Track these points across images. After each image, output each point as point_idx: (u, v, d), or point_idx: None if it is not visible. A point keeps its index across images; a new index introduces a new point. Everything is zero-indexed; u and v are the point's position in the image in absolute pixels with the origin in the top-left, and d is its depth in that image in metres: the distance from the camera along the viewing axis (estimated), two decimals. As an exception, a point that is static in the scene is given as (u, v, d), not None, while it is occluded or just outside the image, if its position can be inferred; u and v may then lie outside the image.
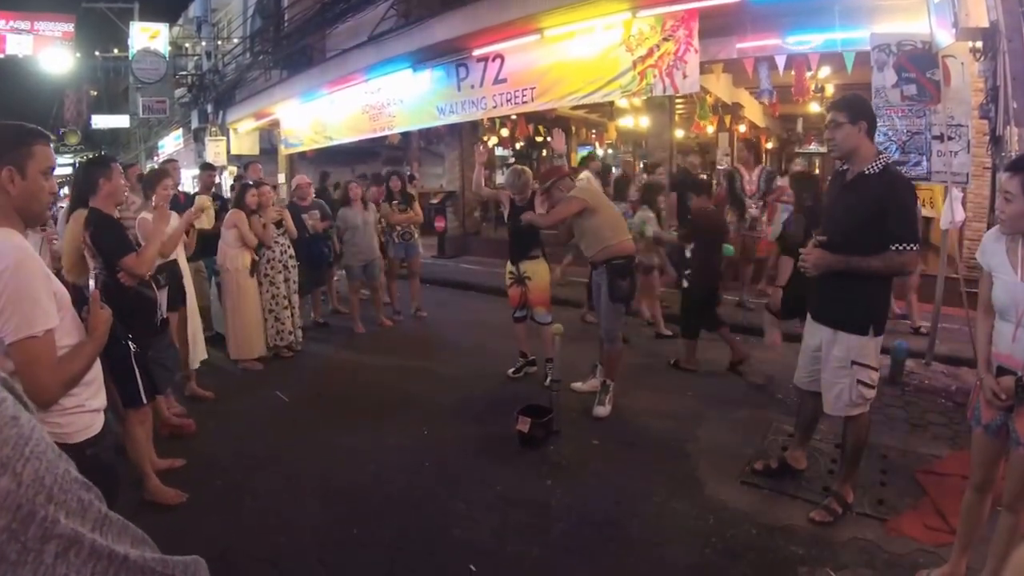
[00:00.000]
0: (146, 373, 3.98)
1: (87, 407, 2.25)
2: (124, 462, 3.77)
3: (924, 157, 5.77)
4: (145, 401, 4.01)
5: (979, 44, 5.47)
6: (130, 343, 3.85)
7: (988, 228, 5.60)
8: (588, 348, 6.04)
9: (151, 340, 4.11)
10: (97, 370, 2.33)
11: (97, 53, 22.33)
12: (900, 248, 3.24)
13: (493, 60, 9.90)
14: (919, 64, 5.66)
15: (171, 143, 24.42)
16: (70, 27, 20.29)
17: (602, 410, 5.34)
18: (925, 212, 6.72)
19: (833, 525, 3.57)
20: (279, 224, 6.93)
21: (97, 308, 2.28)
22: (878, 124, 5.65)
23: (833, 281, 3.45)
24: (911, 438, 4.68)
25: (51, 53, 20.06)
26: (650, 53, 7.99)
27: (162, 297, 4.41)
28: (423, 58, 10.80)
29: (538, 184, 5.77)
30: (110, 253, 3.92)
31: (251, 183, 6.99)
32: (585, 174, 8.07)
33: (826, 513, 3.62)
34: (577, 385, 5.74)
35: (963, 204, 6.24)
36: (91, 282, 4.23)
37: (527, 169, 6.19)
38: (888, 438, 4.61)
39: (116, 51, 22.25)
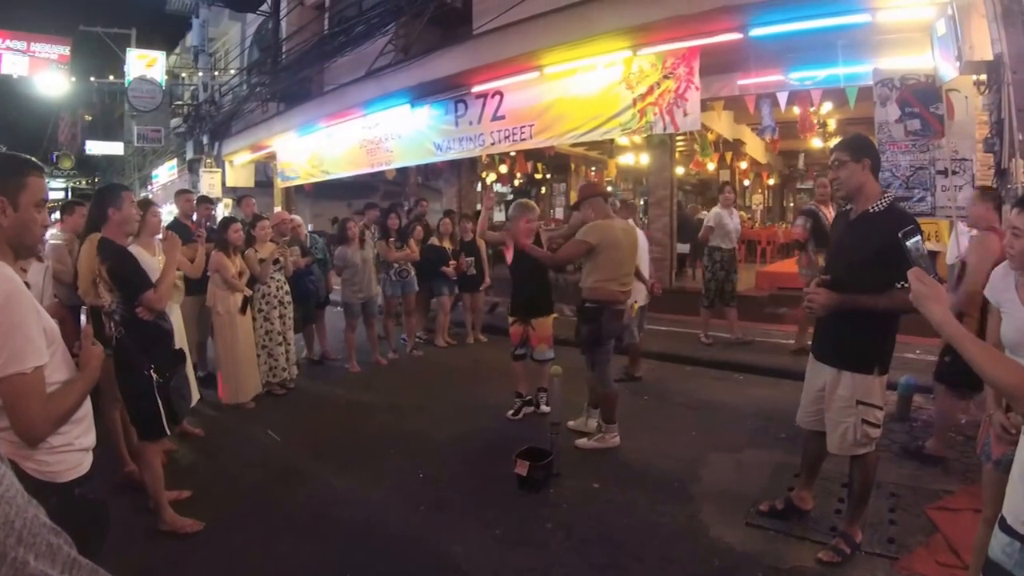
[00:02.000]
0: (168, 403, 3.97)
1: (76, 446, 2.18)
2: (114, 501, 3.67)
3: (928, 192, 5.78)
4: (168, 432, 4.05)
5: (983, 77, 5.50)
6: (152, 374, 3.86)
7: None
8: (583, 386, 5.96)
9: (171, 370, 4.08)
10: (87, 408, 2.26)
11: (93, 78, 22.45)
12: (906, 285, 3.19)
13: (492, 96, 9.95)
14: (922, 99, 5.68)
15: (165, 173, 24.49)
16: (66, 50, 20.41)
17: (585, 442, 5.38)
18: (931, 246, 6.70)
19: (842, 565, 3.50)
20: (276, 260, 6.88)
21: (89, 344, 2.23)
22: (881, 159, 5.68)
23: (837, 320, 3.41)
24: (920, 474, 4.62)
25: (46, 75, 20.14)
26: (650, 91, 8.02)
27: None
28: (422, 93, 10.85)
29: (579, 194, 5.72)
30: (130, 289, 3.88)
31: (234, 218, 6.91)
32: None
33: (834, 554, 3.54)
34: (572, 423, 5.68)
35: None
36: (82, 317, 4.18)
37: (533, 203, 6.17)
38: (897, 475, 4.55)
39: (112, 77, 22.37)
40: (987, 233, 4.65)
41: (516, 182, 18.24)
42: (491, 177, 16.73)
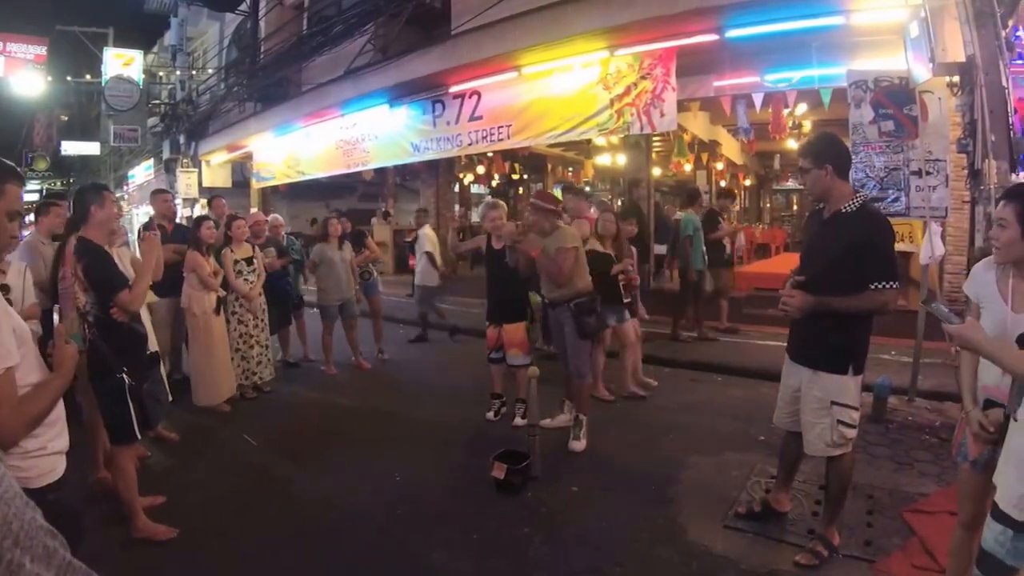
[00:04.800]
0: (141, 407, 3.89)
1: (49, 449, 2.14)
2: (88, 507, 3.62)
3: (903, 193, 5.83)
4: (139, 436, 3.97)
5: (956, 79, 5.56)
6: (125, 376, 3.78)
7: (968, 261, 5.69)
8: (553, 386, 5.95)
9: (145, 374, 4.01)
10: (60, 411, 2.22)
11: (69, 78, 22.19)
12: (880, 286, 3.22)
13: (470, 97, 9.95)
14: (896, 100, 5.73)
15: (141, 173, 24.22)
16: (42, 50, 20.17)
17: (578, 444, 5.34)
18: (904, 247, 6.76)
19: (819, 568, 3.48)
20: (250, 261, 6.81)
21: (63, 344, 2.18)
22: (855, 160, 5.72)
23: (811, 321, 3.41)
24: (896, 476, 4.63)
25: (22, 75, 19.88)
26: (627, 91, 8.06)
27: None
28: (400, 93, 10.83)
29: (532, 199, 5.66)
30: (104, 289, 3.80)
31: (207, 216, 6.81)
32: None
33: (812, 556, 3.53)
34: (546, 422, 5.65)
35: (942, 238, 6.30)
36: (55, 316, 4.09)
37: (501, 202, 6.13)
38: (873, 477, 4.56)
39: (89, 76, 22.13)
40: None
41: (494, 182, 18.22)
42: (469, 178, 16.70)
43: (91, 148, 26.91)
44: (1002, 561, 2.03)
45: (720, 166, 16.20)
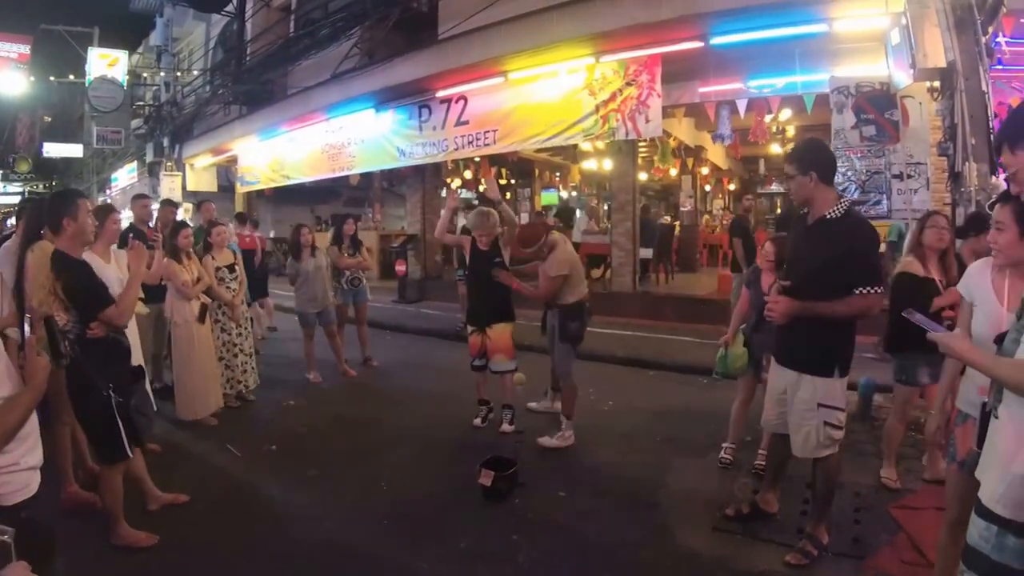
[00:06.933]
0: (129, 423, 3.76)
1: (22, 465, 2.07)
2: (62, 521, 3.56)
3: (884, 196, 5.91)
4: (130, 453, 3.82)
5: (937, 84, 5.63)
6: (111, 393, 3.65)
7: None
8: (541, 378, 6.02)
9: (131, 388, 3.87)
10: (33, 425, 2.15)
11: (52, 78, 21.98)
12: (864, 291, 3.25)
13: (456, 102, 9.95)
14: (878, 105, 5.82)
15: (124, 176, 23.98)
16: (26, 49, 19.99)
17: (548, 440, 5.41)
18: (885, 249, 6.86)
19: (809, 567, 3.51)
20: (232, 268, 6.74)
21: (34, 355, 2.10)
22: (837, 163, 5.79)
23: (797, 325, 3.43)
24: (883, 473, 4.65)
25: (5, 75, 19.66)
26: (613, 97, 8.10)
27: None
28: (386, 98, 10.80)
29: (520, 245, 5.62)
30: (88, 307, 3.66)
31: (185, 223, 6.68)
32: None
33: (801, 556, 3.55)
34: (532, 405, 5.82)
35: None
36: (26, 326, 3.99)
37: (493, 211, 6.09)
38: (859, 475, 4.61)
39: (72, 77, 21.92)
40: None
41: (480, 188, 18.21)
42: (456, 183, 16.69)
43: (74, 150, 26.65)
44: (987, 556, 2.06)
45: (705, 171, 16.27)
